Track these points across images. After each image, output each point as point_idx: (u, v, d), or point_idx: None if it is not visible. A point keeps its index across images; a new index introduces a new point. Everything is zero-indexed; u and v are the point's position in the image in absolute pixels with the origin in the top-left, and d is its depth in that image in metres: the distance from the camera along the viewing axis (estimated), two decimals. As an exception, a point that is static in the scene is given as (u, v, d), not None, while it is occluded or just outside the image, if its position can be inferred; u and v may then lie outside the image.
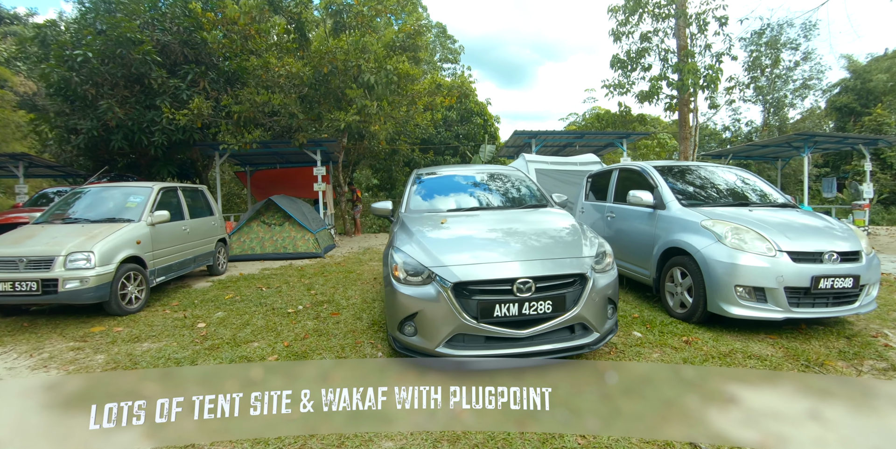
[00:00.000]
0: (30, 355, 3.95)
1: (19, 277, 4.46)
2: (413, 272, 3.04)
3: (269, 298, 5.74)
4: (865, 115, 16.54)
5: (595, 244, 3.38)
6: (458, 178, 5.12)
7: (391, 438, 2.52)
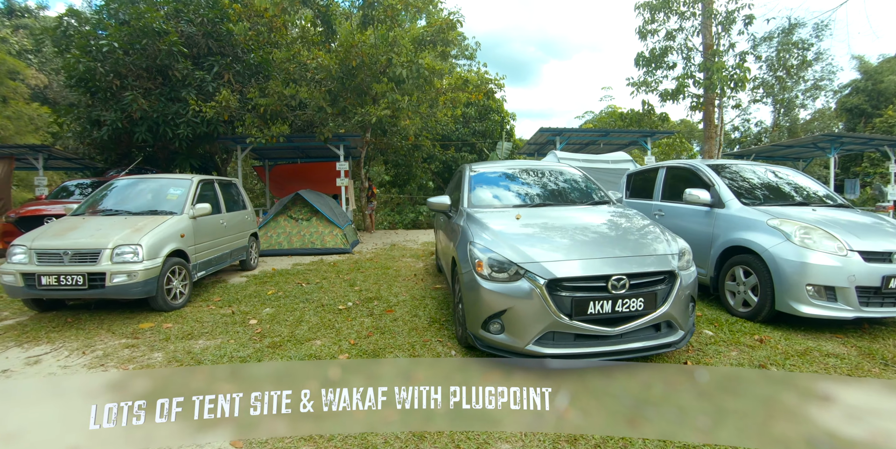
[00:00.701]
0: (82, 353, 3.69)
1: (64, 271, 4.19)
2: (499, 268, 2.94)
3: (312, 294, 5.48)
4: (876, 116, 16.36)
5: (676, 242, 3.31)
6: (515, 174, 4.95)
7: (506, 439, 2.37)
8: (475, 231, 3.41)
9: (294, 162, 13.72)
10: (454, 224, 4.14)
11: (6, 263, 4.37)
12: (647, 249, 3.15)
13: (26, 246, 4.33)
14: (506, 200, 4.38)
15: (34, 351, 3.76)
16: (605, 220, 3.77)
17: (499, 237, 3.21)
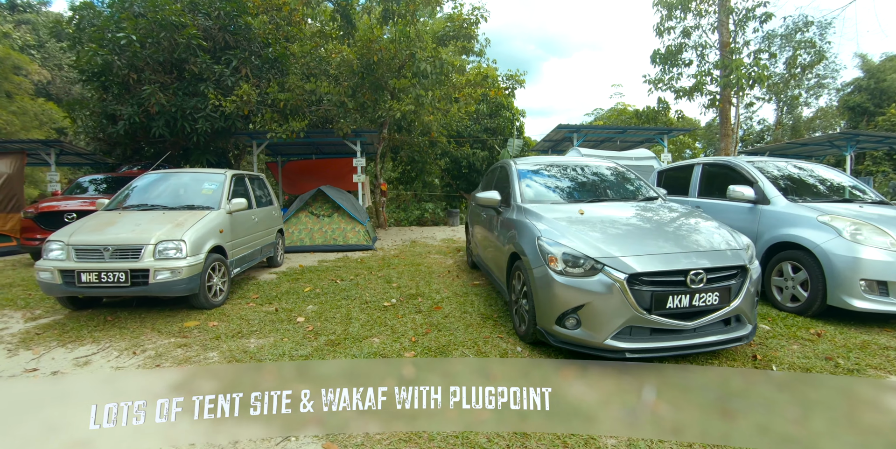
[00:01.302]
0: (133, 353, 3.47)
1: (105, 268, 3.95)
2: (573, 263, 2.90)
3: (350, 291, 5.28)
4: (879, 114, 16.34)
5: (741, 237, 3.32)
6: (562, 170, 4.85)
7: (609, 435, 2.28)
8: (540, 226, 3.37)
9: (307, 158, 13.44)
10: (507, 219, 4.07)
11: (42, 259, 4.12)
12: (718, 243, 3.13)
13: (64, 242, 4.09)
14: (559, 196, 4.30)
15: (80, 351, 3.53)
16: (666, 215, 3.73)
17: (567, 232, 3.18)
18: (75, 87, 20.80)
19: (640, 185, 4.65)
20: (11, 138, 12.00)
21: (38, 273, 4.04)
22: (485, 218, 5.19)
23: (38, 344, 3.66)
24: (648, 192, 4.48)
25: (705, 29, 10.32)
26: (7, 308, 4.73)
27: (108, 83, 9.46)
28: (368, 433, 2.35)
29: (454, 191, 16.19)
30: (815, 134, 18.91)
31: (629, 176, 4.88)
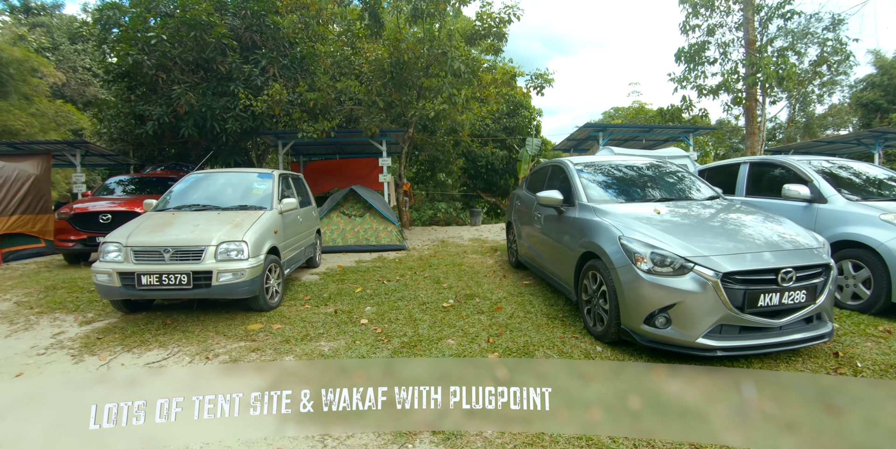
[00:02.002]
0: (205, 357, 3.29)
1: (166, 270, 3.77)
2: (662, 263, 2.87)
3: (400, 291, 5.10)
4: (892, 111, 16.11)
5: (817, 235, 3.34)
6: (621, 169, 4.77)
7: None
8: (619, 226, 3.32)
9: (332, 158, 13.26)
10: (573, 218, 3.99)
11: (98, 261, 3.93)
12: (801, 242, 3.11)
13: (121, 243, 3.90)
14: (625, 195, 4.23)
15: (148, 356, 3.35)
16: (738, 214, 3.69)
17: (649, 232, 3.14)
18: (89, 90, 20.62)
19: (698, 184, 4.58)
20: (34, 140, 11.79)
21: (96, 275, 3.85)
22: (539, 218, 5.03)
23: (102, 349, 3.48)
24: (708, 191, 4.42)
25: (730, 27, 10.15)
26: (57, 311, 4.55)
27: (135, 84, 9.28)
28: (486, 436, 2.26)
29: (471, 190, 16.01)
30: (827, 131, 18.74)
31: (685, 175, 4.80)
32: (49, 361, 3.29)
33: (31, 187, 8.71)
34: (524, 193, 6.07)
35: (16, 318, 4.38)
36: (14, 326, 4.13)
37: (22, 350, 3.53)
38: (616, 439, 2.21)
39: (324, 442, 2.27)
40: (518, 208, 6.18)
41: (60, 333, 3.91)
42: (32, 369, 3.16)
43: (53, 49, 18.98)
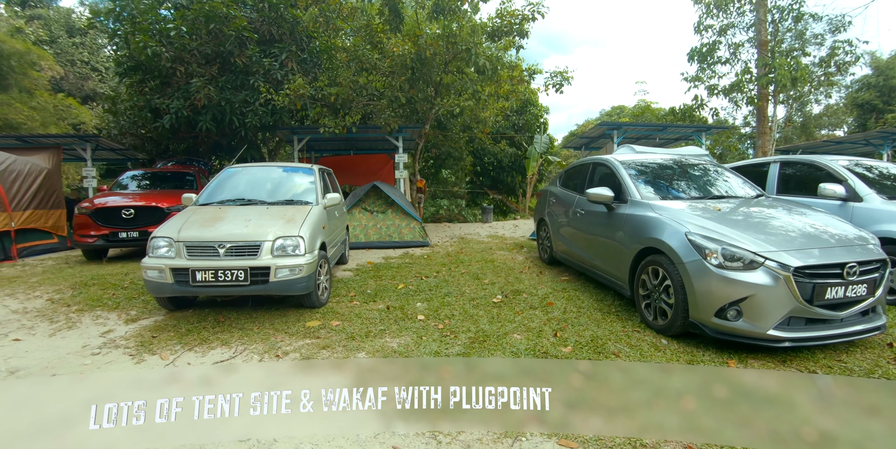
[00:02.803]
0: (275, 355, 3.13)
1: (222, 266, 3.59)
2: (732, 258, 2.93)
3: (444, 288, 4.98)
4: (888, 112, 16.33)
5: (867, 231, 3.45)
6: (670, 166, 4.80)
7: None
8: (682, 222, 3.37)
9: (345, 154, 13.02)
10: (627, 215, 3.99)
11: (148, 257, 3.74)
12: (859, 238, 3.19)
13: (172, 238, 3.71)
14: (677, 193, 4.29)
15: (213, 355, 3.18)
16: (792, 212, 3.72)
17: (715, 228, 3.19)
18: (87, 84, 20.04)
19: (740, 183, 4.63)
20: (45, 133, 11.37)
21: (146, 271, 3.66)
22: (582, 214, 4.98)
23: (161, 348, 3.30)
24: (753, 190, 4.49)
25: (740, 27, 10.15)
26: (97, 309, 4.34)
27: (148, 76, 8.97)
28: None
29: (478, 187, 15.90)
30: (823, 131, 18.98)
31: (728, 173, 4.85)
32: (108, 361, 3.11)
33: (44, 181, 8.39)
34: (560, 191, 5.99)
35: (55, 316, 4.17)
36: (55, 325, 3.92)
37: (73, 350, 3.34)
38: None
39: (436, 438, 2.19)
40: (553, 205, 6.09)
41: (109, 331, 3.72)
42: (92, 370, 2.97)
43: (51, 42, 18.36)
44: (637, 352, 3.10)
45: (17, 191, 7.75)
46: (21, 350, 3.37)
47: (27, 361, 3.12)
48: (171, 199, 7.19)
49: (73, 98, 16.85)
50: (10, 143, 9.81)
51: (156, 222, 6.98)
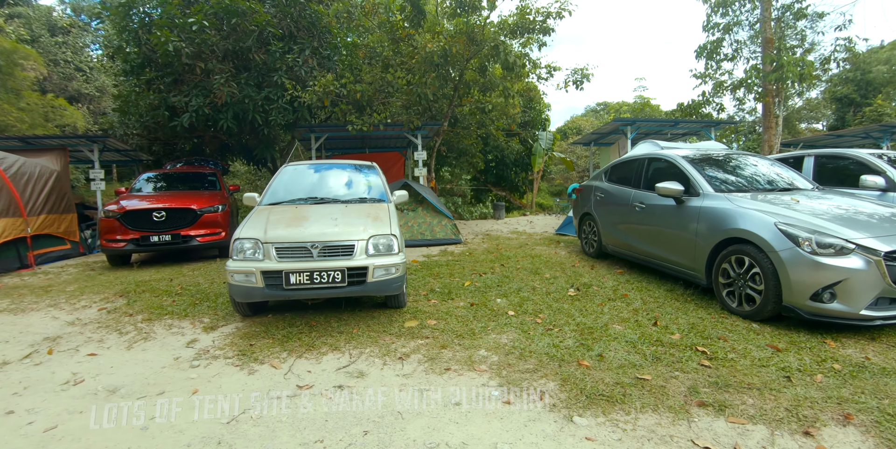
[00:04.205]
0: (399, 358, 2.96)
1: (318, 267, 3.34)
2: (824, 245, 3.06)
3: (509, 283, 4.85)
4: (866, 105, 16.95)
5: None
6: (724, 160, 4.87)
7: None
8: (768, 212, 3.46)
9: (360, 152, 12.65)
10: (698, 208, 4.06)
11: (232, 260, 3.45)
12: None
13: (258, 239, 3.43)
14: (747, 185, 4.33)
15: (328, 361, 2.95)
16: (859, 201, 3.85)
17: (803, 217, 3.31)
18: (72, 84, 18.95)
19: (795, 175, 4.72)
20: (56, 134, 10.61)
21: (232, 276, 3.37)
22: (643, 208, 4.98)
23: (266, 356, 3.04)
24: (808, 183, 4.62)
25: (744, 25, 10.30)
26: (165, 317, 4.00)
27: (162, 74, 8.45)
28: (750, 403, 2.26)
29: (482, 184, 15.76)
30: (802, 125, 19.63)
31: (780, 166, 4.93)
32: (215, 374, 2.83)
33: (55, 185, 7.83)
34: (609, 186, 5.93)
35: (120, 326, 3.82)
36: (127, 336, 3.58)
37: (166, 363, 3.03)
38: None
39: (618, 426, 2.11)
40: (601, 200, 6.02)
41: (193, 341, 3.41)
42: (204, 384, 2.69)
43: (32, 41, 17.20)
44: (740, 336, 3.15)
45: (30, 194, 7.19)
46: (104, 366, 3.04)
47: (120, 379, 2.81)
48: (201, 201, 6.79)
49: (62, 99, 15.83)
50: (13, 144, 9.11)
51: (188, 225, 6.58)
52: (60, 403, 2.55)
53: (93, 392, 2.66)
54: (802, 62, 9.22)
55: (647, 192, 5.08)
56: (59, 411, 2.46)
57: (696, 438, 1.99)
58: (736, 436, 2.00)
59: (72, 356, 3.25)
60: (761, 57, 9.97)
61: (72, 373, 2.95)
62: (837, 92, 18.55)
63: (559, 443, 2.00)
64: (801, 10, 9.77)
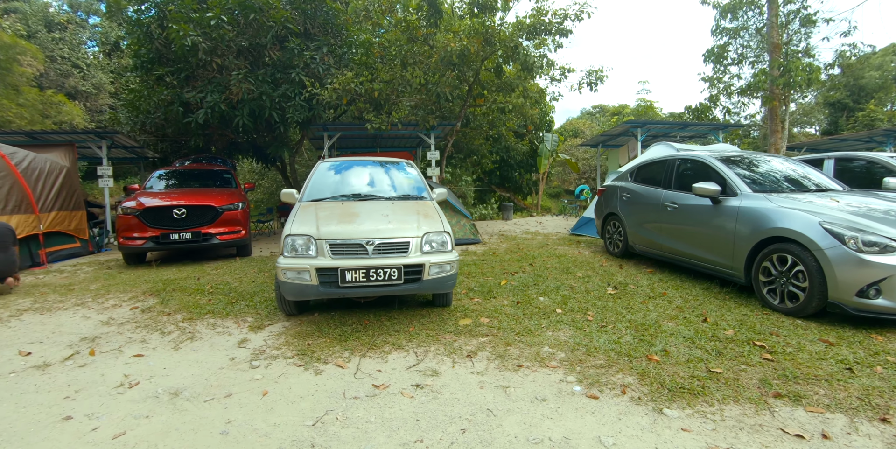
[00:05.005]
0: (467, 356, 2.89)
1: (373, 265, 3.24)
2: (869, 243, 3.12)
3: (544, 282, 4.83)
4: (858, 110, 17.29)
5: None
6: (757, 163, 4.88)
7: None
8: (811, 212, 3.51)
9: (372, 151, 12.50)
10: (736, 207, 4.10)
11: (283, 257, 3.33)
12: None
13: (311, 236, 3.32)
14: (783, 186, 4.37)
15: (394, 359, 2.86)
16: (892, 203, 3.88)
17: (845, 217, 3.36)
18: (69, 81, 18.48)
19: (822, 177, 4.77)
20: (63, 129, 10.29)
21: (284, 273, 3.25)
22: (675, 208, 4.98)
23: (327, 355, 2.94)
24: (837, 184, 4.67)
25: (751, 30, 10.43)
26: (206, 316, 3.86)
27: (172, 69, 8.24)
28: (822, 393, 2.32)
29: (485, 185, 15.71)
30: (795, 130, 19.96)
31: (808, 167, 4.99)
32: (280, 374, 2.71)
33: (65, 181, 7.59)
34: (636, 186, 5.93)
35: (160, 326, 3.67)
36: (170, 336, 3.44)
37: (222, 364, 2.91)
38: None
39: (707, 417, 2.13)
40: (628, 200, 6.01)
41: (244, 340, 3.29)
42: (271, 385, 2.58)
43: (29, 37, 16.72)
44: (789, 331, 3.18)
45: (41, 190, 6.95)
46: (156, 367, 2.90)
47: (178, 380, 2.67)
48: (221, 198, 6.62)
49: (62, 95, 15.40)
50: (19, 139, 8.80)
51: (208, 223, 6.41)
52: (121, 408, 2.40)
53: (153, 395, 2.52)
54: (810, 67, 9.36)
55: (679, 192, 5.08)
56: (122, 416, 2.31)
57: (784, 427, 2.02)
58: (819, 424, 2.04)
59: (117, 357, 3.10)
60: (769, 62, 10.08)
61: (123, 375, 2.80)
62: (830, 97, 18.92)
63: (658, 435, 2.00)
64: (809, 17, 9.91)
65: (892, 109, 17.91)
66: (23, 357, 3.17)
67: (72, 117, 15.14)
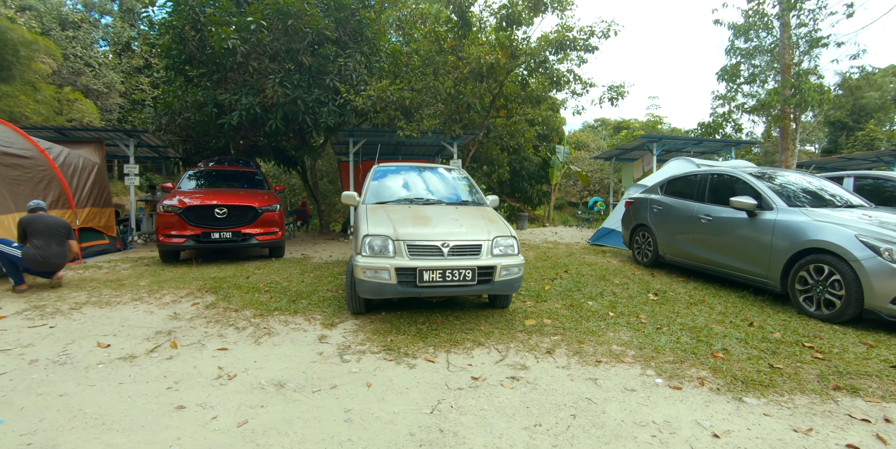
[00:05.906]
0: (547, 352, 3.07)
1: (449, 266, 3.42)
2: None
3: (585, 287, 5.07)
4: (858, 130, 17.92)
5: None
6: (786, 179, 5.14)
7: None
8: (848, 225, 3.76)
9: (394, 158, 12.68)
10: (772, 221, 4.36)
11: (362, 257, 3.49)
12: None
13: (390, 237, 3.49)
14: (815, 202, 4.61)
15: (479, 355, 3.05)
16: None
17: (878, 230, 3.60)
18: (81, 79, 18.51)
19: (848, 193, 5.04)
20: (91, 126, 10.34)
21: (363, 272, 3.42)
22: (709, 221, 5.24)
23: (413, 351, 3.12)
24: (860, 199, 4.91)
25: (763, 50, 10.89)
26: (275, 313, 3.99)
27: (209, 71, 8.41)
28: (881, 390, 2.52)
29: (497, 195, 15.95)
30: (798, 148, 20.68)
31: (831, 184, 5.24)
32: (374, 367, 2.87)
33: (97, 177, 7.69)
34: (667, 199, 6.18)
35: (233, 322, 3.80)
36: (245, 332, 3.57)
37: (312, 358, 3.05)
38: None
39: (781, 405, 2.38)
40: (658, 212, 6.25)
41: (323, 336, 3.44)
42: (371, 377, 2.74)
43: (43, 34, 16.77)
44: (830, 335, 3.42)
45: (76, 186, 7.05)
46: (246, 360, 3.02)
47: (276, 373, 2.80)
48: (260, 199, 6.76)
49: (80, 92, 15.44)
50: (48, 135, 8.87)
51: (248, 223, 6.54)
52: (230, 398, 2.47)
53: (258, 386, 2.64)
54: (821, 88, 9.79)
55: (713, 205, 5.33)
56: (236, 406, 2.38)
57: (850, 413, 2.28)
58: (879, 411, 2.30)
59: (200, 351, 3.22)
60: (781, 82, 10.52)
61: (217, 367, 2.91)
62: (831, 116, 19.62)
63: (745, 418, 2.23)
64: (821, 39, 10.39)
65: (891, 129, 18.63)
66: (103, 349, 3.26)
67: (83, 115, 15.17)
